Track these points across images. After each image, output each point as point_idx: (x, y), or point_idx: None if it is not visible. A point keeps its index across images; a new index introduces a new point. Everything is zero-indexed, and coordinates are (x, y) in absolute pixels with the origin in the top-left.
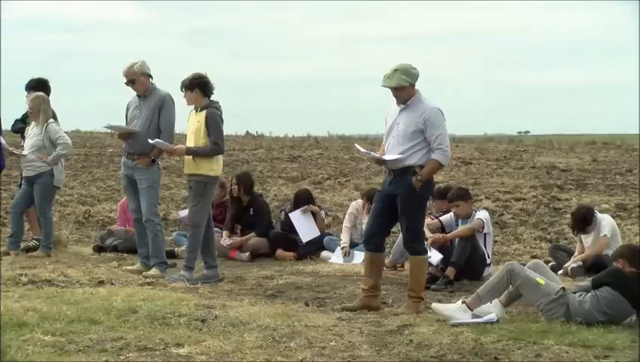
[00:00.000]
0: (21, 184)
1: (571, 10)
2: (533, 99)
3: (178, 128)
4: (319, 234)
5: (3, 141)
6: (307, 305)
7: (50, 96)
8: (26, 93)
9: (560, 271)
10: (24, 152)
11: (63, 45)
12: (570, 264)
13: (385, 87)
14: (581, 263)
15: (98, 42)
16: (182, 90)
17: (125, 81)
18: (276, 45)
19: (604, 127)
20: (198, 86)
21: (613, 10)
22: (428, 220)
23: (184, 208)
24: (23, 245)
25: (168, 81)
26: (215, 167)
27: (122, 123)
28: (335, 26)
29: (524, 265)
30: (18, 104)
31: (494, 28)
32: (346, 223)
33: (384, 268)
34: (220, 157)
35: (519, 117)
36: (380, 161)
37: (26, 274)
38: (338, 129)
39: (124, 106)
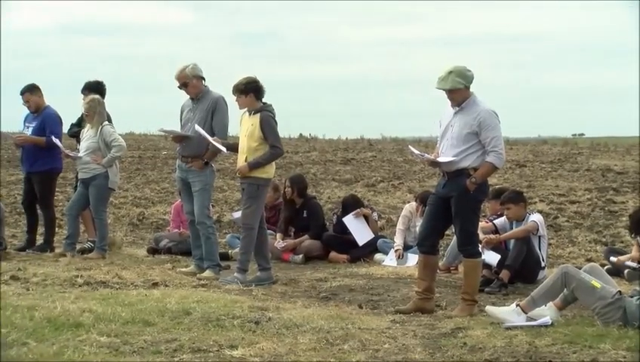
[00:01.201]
0: (76, 186)
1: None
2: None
3: (235, 130)
4: (374, 236)
5: (60, 144)
6: (361, 307)
7: (105, 98)
8: (82, 95)
9: (612, 259)
10: (79, 154)
11: (113, 49)
12: (625, 261)
13: (439, 89)
14: (637, 265)
15: (147, 45)
16: (234, 94)
17: (178, 84)
18: (324, 47)
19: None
20: (253, 90)
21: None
22: (482, 223)
23: (237, 210)
24: (78, 247)
25: (218, 83)
26: (268, 170)
27: (176, 125)
28: (385, 29)
29: (580, 268)
30: (73, 107)
31: (522, 29)
32: (399, 226)
33: (438, 271)
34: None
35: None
36: (434, 163)
37: (81, 276)
38: (391, 131)
39: (178, 109)
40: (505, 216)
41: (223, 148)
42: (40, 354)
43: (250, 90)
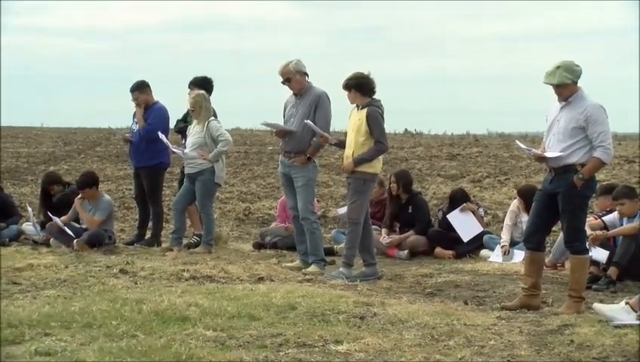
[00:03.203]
0: (182, 181)
1: None
2: None
3: (338, 126)
4: (481, 229)
5: (166, 140)
6: (466, 303)
7: (212, 94)
8: (189, 90)
9: None
10: (186, 150)
11: (218, 44)
12: None
13: (547, 84)
14: None
15: (253, 40)
16: (343, 88)
17: (281, 79)
18: (431, 42)
19: None
20: (354, 87)
21: None
22: (590, 219)
23: (343, 206)
24: (184, 241)
25: (324, 79)
26: (374, 165)
27: (280, 121)
28: (487, 24)
29: None
30: (180, 103)
31: (630, 23)
32: (506, 221)
33: (544, 267)
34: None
35: None
36: (541, 159)
37: (187, 270)
38: (498, 126)
39: (282, 104)
40: (616, 212)
41: (333, 140)
42: (148, 346)
43: (352, 85)
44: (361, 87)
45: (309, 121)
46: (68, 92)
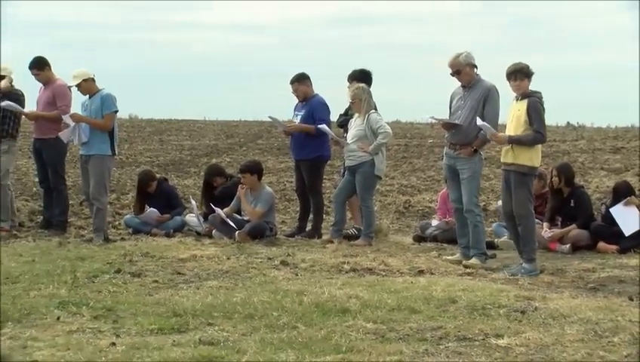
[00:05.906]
0: (344, 173)
1: None
2: None
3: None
4: None
5: (328, 130)
6: (631, 299)
7: (372, 87)
8: (348, 83)
9: None
10: (347, 141)
11: (379, 38)
12: None
13: None
14: None
15: (416, 34)
16: (507, 79)
17: (451, 71)
18: (593, 34)
19: None
20: (526, 74)
21: None
22: None
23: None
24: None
25: (489, 72)
26: (534, 158)
27: (445, 112)
28: None
29: None
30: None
31: None
32: None
33: None
34: (539, 148)
35: None
36: None
37: (348, 263)
38: None
39: (443, 97)
40: None
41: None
42: (309, 337)
43: (524, 72)
44: (529, 74)
45: (479, 119)
46: (229, 85)
